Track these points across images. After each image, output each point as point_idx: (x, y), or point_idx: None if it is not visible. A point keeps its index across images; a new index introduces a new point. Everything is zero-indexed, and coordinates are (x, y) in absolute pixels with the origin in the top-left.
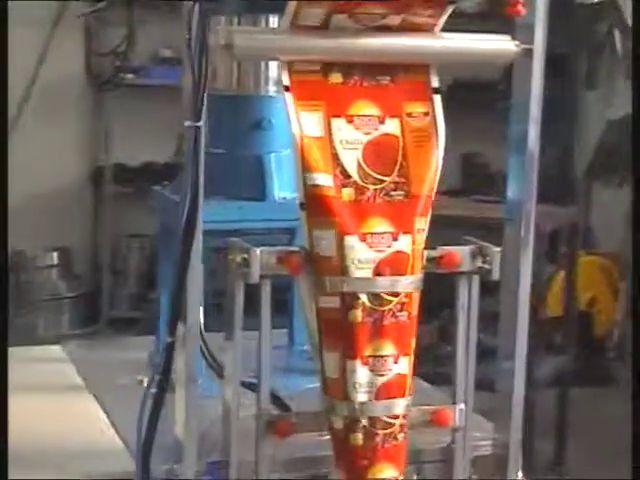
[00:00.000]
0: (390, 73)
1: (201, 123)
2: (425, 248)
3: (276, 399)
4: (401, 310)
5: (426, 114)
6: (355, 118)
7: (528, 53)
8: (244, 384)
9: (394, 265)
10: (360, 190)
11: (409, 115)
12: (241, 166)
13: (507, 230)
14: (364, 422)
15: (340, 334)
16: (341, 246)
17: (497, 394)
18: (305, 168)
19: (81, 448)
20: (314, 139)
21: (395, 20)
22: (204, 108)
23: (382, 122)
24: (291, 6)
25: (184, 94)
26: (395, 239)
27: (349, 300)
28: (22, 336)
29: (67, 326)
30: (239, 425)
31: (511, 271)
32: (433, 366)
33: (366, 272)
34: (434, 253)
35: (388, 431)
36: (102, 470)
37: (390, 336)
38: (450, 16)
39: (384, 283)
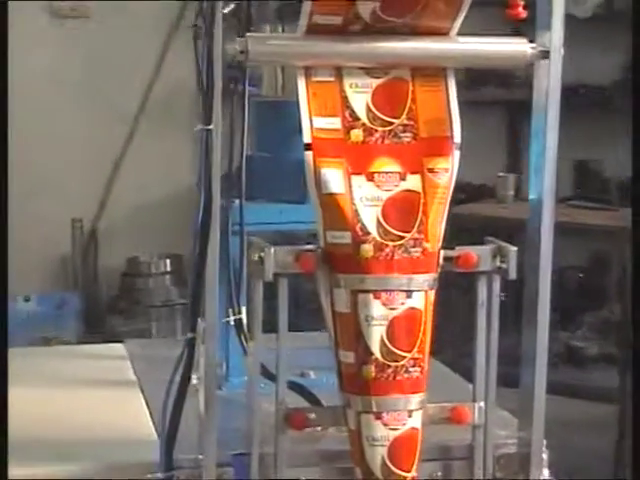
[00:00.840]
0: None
1: (212, 126)
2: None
3: (310, 395)
4: (412, 311)
5: (447, 170)
6: (376, 175)
7: (545, 55)
8: (287, 385)
9: None
10: (379, 247)
11: (430, 171)
12: (284, 169)
13: (528, 229)
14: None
15: (354, 335)
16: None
17: (520, 392)
18: (326, 225)
19: (118, 437)
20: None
21: (412, 22)
22: (247, 113)
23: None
24: (306, 12)
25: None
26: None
27: (363, 303)
28: None
29: (180, 331)
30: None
31: (531, 270)
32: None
33: None
34: (452, 253)
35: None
36: (135, 458)
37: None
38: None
39: (398, 281)
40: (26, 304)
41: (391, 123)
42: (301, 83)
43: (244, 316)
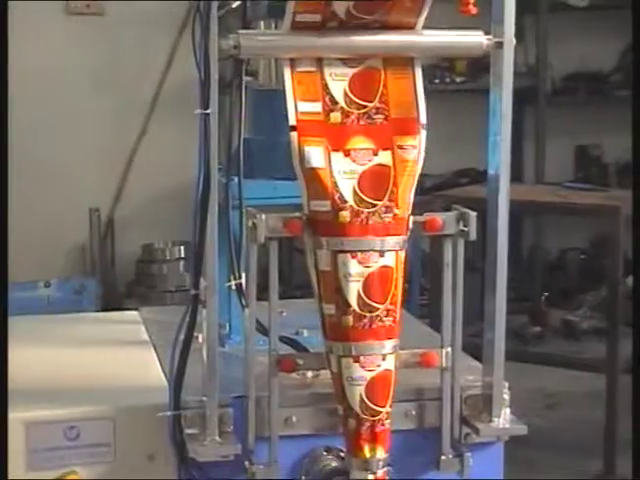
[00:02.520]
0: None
1: (209, 111)
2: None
3: (301, 347)
4: (385, 268)
5: (414, 147)
6: (352, 152)
7: (499, 45)
8: (282, 339)
9: None
10: (355, 213)
11: (400, 147)
12: (277, 150)
13: (488, 201)
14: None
15: (335, 290)
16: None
17: (485, 343)
18: (310, 195)
19: (132, 385)
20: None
21: (382, 18)
22: (244, 101)
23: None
24: (289, 11)
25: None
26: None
27: (342, 262)
28: None
29: None
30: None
31: (491, 236)
32: (523, 345)
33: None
34: (420, 218)
35: (377, 417)
36: (147, 401)
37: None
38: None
39: (372, 243)
40: (46, 289)
41: (365, 106)
42: (287, 73)
43: (243, 281)
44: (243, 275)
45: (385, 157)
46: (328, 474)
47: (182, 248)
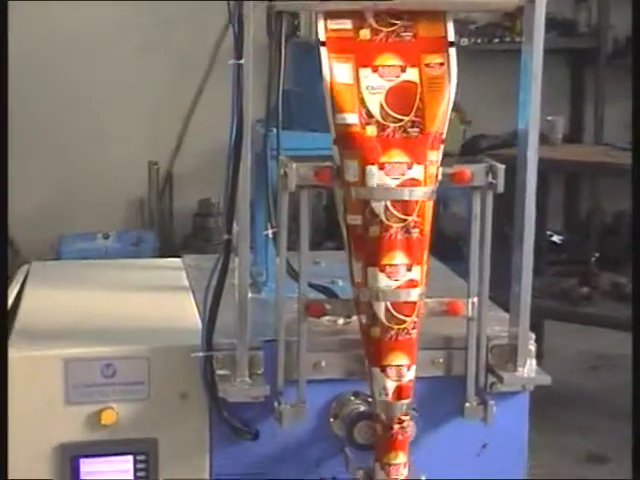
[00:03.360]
0: (412, 29)
1: (242, 61)
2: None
3: (332, 294)
4: (414, 227)
5: (442, 64)
6: (380, 68)
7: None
8: (315, 287)
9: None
10: (381, 127)
11: (427, 65)
12: (316, 103)
13: (518, 154)
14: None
15: (364, 246)
16: (363, 173)
17: (511, 295)
18: (337, 109)
19: (168, 327)
20: (345, 84)
21: None
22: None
23: (403, 71)
24: None
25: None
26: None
27: (370, 217)
28: None
29: None
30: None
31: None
32: (571, 305)
33: None
34: (449, 170)
35: (402, 327)
36: (182, 342)
37: (403, 248)
38: None
39: (402, 192)
40: (105, 241)
41: (394, 24)
42: None
43: None
44: None
45: (412, 74)
46: (355, 418)
47: None
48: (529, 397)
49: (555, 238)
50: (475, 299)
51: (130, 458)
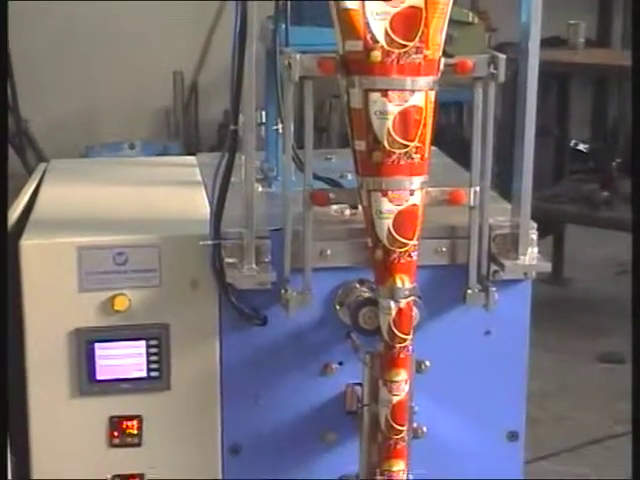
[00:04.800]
0: None
1: None
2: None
3: (338, 185)
4: (416, 153)
5: None
6: None
7: None
8: (322, 179)
9: None
10: (386, 53)
11: None
12: None
13: (520, 48)
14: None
15: (365, 127)
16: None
17: (514, 187)
18: (343, 35)
19: (179, 218)
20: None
21: None
22: None
23: None
24: None
25: None
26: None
27: (373, 143)
28: None
29: None
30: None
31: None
32: (592, 210)
33: None
34: (451, 60)
35: (404, 249)
36: (191, 232)
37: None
38: None
39: (402, 82)
40: (131, 151)
41: None
42: None
43: None
44: None
45: None
46: (360, 304)
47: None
48: (531, 285)
49: (581, 147)
50: (477, 188)
51: (143, 343)
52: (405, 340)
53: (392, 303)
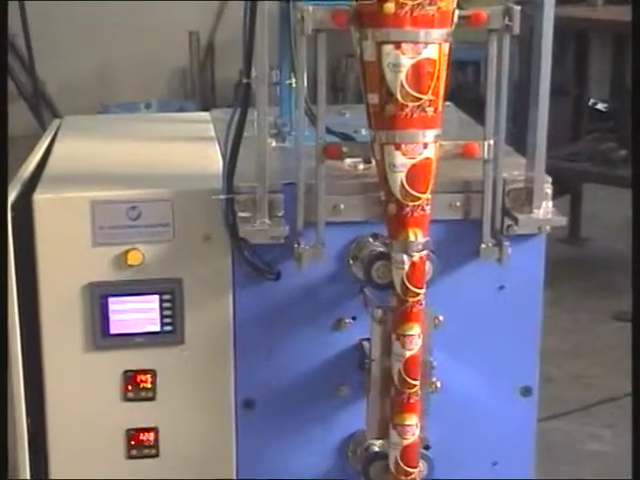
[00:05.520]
0: None
1: None
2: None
3: (351, 140)
4: (429, 106)
5: None
6: None
7: None
8: (336, 133)
9: None
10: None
11: None
12: None
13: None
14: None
15: (378, 80)
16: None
17: (528, 140)
18: None
19: (191, 173)
20: None
21: None
22: None
23: None
24: None
25: None
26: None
27: (386, 96)
28: None
29: None
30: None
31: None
32: (610, 168)
33: None
34: (465, 13)
35: (417, 203)
36: (203, 186)
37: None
38: None
39: (415, 34)
40: (147, 110)
41: None
42: None
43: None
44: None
45: None
46: (373, 258)
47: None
48: (546, 240)
49: (600, 106)
50: (491, 141)
51: (156, 297)
52: (418, 294)
53: (405, 257)
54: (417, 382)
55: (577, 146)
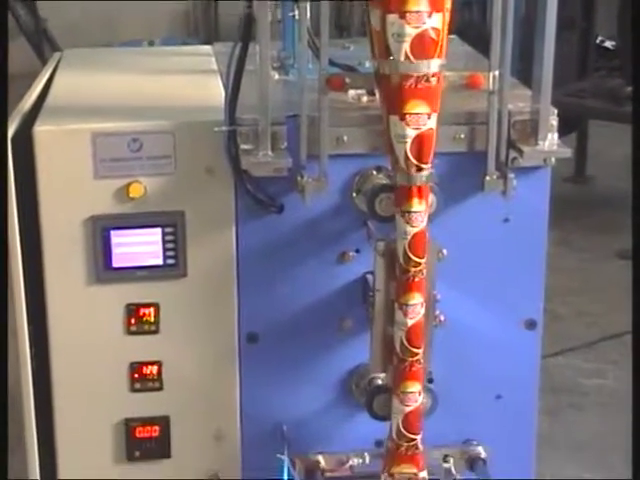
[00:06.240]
0: None
1: None
2: None
3: (355, 71)
4: (433, 76)
5: None
6: None
7: None
8: (339, 65)
9: None
10: None
11: None
12: None
13: None
14: None
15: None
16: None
17: (534, 74)
18: None
19: (194, 105)
20: None
21: None
22: None
23: None
24: None
25: None
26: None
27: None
28: None
29: None
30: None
31: None
32: (617, 105)
33: None
34: None
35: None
36: (205, 118)
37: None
38: None
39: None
40: (150, 47)
41: None
42: None
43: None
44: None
45: None
46: (377, 190)
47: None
48: (551, 173)
49: (607, 44)
50: (496, 72)
51: (158, 230)
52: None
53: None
54: (420, 350)
55: (584, 83)
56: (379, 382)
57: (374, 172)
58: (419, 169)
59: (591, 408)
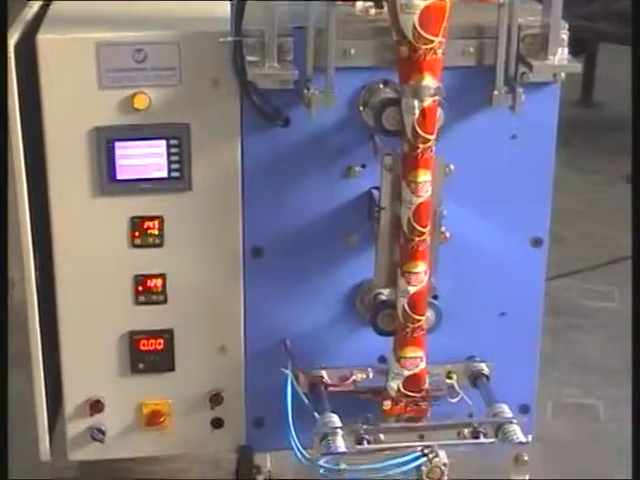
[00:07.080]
0: None
1: None
2: None
3: None
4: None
5: None
6: None
7: None
8: None
9: None
10: None
11: None
12: None
13: None
14: None
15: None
16: None
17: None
18: None
19: (199, 16)
20: None
21: None
22: None
23: None
24: None
25: None
26: None
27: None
28: None
29: None
30: None
31: None
32: (625, 27)
33: None
34: None
35: (429, 46)
36: (211, 29)
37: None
38: None
39: None
40: None
41: None
42: None
43: None
44: None
45: None
46: (384, 104)
47: None
48: (560, 88)
49: None
50: None
51: (163, 142)
52: (429, 140)
53: (416, 102)
54: (426, 229)
55: (593, 5)
56: (383, 297)
57: (381, 86)
58: (425, 140)
59: (594, 327)
